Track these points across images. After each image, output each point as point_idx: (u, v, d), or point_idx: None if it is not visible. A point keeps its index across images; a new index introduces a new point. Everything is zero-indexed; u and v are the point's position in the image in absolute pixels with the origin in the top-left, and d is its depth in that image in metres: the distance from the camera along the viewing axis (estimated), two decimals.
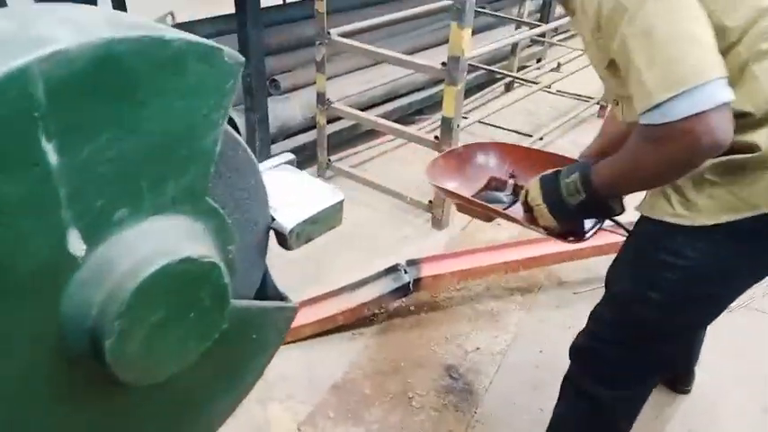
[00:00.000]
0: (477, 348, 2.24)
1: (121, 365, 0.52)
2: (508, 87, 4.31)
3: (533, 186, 1.31)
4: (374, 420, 1.94)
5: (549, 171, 1.32)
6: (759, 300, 2.52)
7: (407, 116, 3.72)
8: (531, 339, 2.28)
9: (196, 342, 0.58)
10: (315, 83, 3.01)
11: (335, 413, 1.96)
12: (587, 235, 1.39)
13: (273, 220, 0.70)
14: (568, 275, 2.62)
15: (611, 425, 1.43)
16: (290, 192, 0.75)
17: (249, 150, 0.65)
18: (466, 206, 1.56)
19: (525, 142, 3.42)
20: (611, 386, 1.37)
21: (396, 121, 3.17)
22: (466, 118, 3.07)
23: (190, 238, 0.56)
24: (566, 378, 1.48)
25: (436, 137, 2.75)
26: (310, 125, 3.22)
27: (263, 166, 0.79)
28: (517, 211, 1.43)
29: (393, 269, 2.31)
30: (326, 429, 1.90)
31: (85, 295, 0.50)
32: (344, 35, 2.86)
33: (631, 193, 1.24)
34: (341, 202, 0.75)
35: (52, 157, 0.45)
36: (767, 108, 1.05)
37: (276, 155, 2.97)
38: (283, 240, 0.70)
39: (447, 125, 2.68)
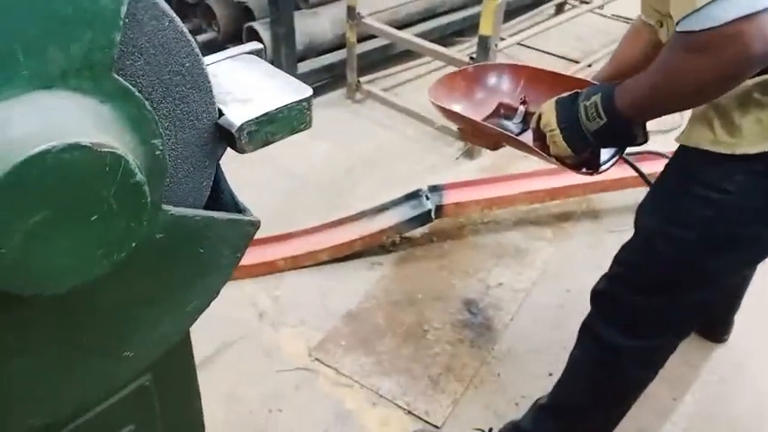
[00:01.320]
0: (500, 284, 2.13)
1: None
2: (559, 9, 3.98)
3: (548, 109, 1.16)
4: (386, 351, 1.88)
5: (567, 94, 1.16)
6: None
7: (446, 37, 3.48)
8: (559, 277, 2.15)
9: (104, 251, 0.48)
10: None
11: (347, 341, 1.91)
12: (603, 167, 1.24)
13: (221, 115, 0.58)
14: (606, 210, 2.44)
15: (627, 376, 1.31)
16: (247, 85, 0.63)
17: (182, 25, 0.53)
18: (470, 131, 1.43)
19: (571, 69, 3.16)
20: (630, 335, 1.25)
21: (433, 41, 2.95)
22: (503, 39, 2.83)
23: (89, 123, 0.45)
24: (584, 323, 1.37)
25: (471, 57, 2.55)
26: (340, 43, 3.04)
27: (219, 55, 0.67)
28: (528, 138, 1.27)
29: (414, 195, 2.20)
30: (337, 356, 1.86)
31: None
32: None
33: (661, 115, 1.11)
34: (308, 99, 0.62)
35: None
36: None
37: (304, 73, 2.80)
38: (232, 140, 0.59)
39: (483, 45, 2.47)
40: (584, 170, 1.22)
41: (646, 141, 1.12)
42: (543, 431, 1.46)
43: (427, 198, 2.21)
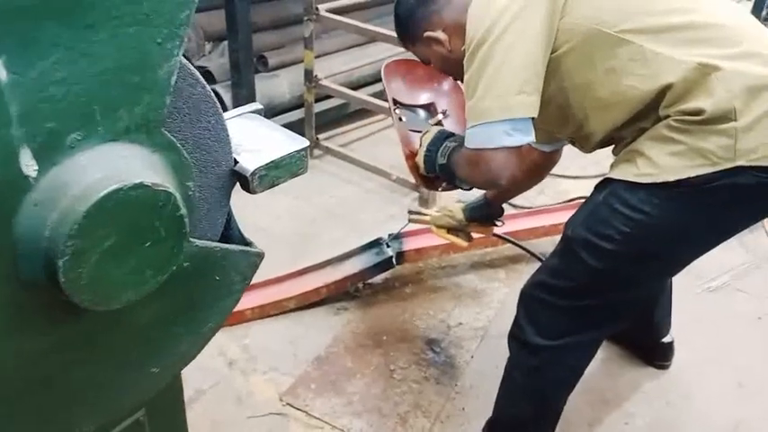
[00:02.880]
0: (460, 323, 2.26)
1: (75, 287, 0.53)
2: None
3: (431, 132, 1.55)
4: (356, 392, 1.96)
5: (449, 130, 1.57)
6: (737, 280, 2.55)
7: None
8: (513, 314, 2.29)
9: (152, 272, 0.59)
10: (303, 60, 3.00)
11: (317, 385, 1.98)
12: (439, 189, 1.72)
13: (236, 162, 0.71)
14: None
15: (552, 376, 1.44)
16: (254, 138, 0.75)
17: (209, 89, 0.65)
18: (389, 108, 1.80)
19: None
20: (552, 336, 1.38)
21: (386, 101, 3.16)
22: None
23: (145, 167, 0.56)
24: (509, 334, 1.51)
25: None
26: (298, 103, 3.21)
27: (230, 114, 0.79)
28: (415, 139, 1.67)
29: (376, 243, 2.32)
30: (308, 400, 1.92)
31: (39, 217, 0.51)
32: (333, 11, 2.85)
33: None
34: (306, 149, 0.75)
35: (1, 73, 0.46)
36: (681, 78, 1.16)
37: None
38: (246, 183, 0.70)
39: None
40: (423, 183, 1.70)
41: (469, 189, 1.57)
42: None
43: (388, 246, 2.35)
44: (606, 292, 1.33)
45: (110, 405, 0.67)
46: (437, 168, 1.50)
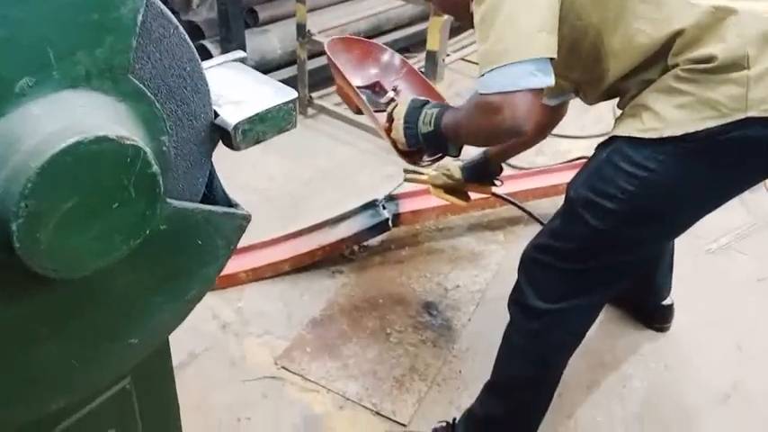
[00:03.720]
0: (457, 286, 2.22)
1: (33, 253, 0.47)
2: None
3: (402, 103, 1.45)
4: (351, 355, 1.93)
5: (422, 98, 1.46)
6: (738, 241, 2.51)
7: None
8: (511, 277, 2.24)
9: (123, 237, 0.53)
10: (295, 15, 2.88)
11: (312, 348, 1.95)
12: (423, 161, 1.58)
13: (217, 115, 0.64)
14: (550, 214, 2.58)
15: (552, 340, 1.41)
16: (237, 88, 0.69)
17: (185, 33, 0.58)
18: (344, 90, 1.67)
19: None
20: (553, 300, 1.35)
21: None
22: (448, 55, 2.96)
23: (110, 119, 0.50)
24: (510, 298, 1.47)
25: (420, 70, 2.66)
26: (291, 60, 3.10)
27: (210, 62, 0.72)
28: (381, 118, 1.56)
29: (371, 204, 2.27)
30: (303, 363, 1.89)
31: None
32: None
33: (462, 144, 1.40)
34: (294, 101, 0.69)
35: None
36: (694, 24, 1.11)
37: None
38: (228, 139, 0.64)
39: (432, 60, 2.59)
40: (408, 158, 1.54)
41: (456, 156, 1.45)
42: (489, 408, 1.55)
43: (384, 207, 2.29)
44: (608, 254, 1.29)
45: (85, 379, 0.63)
46: (420, 139, 1.40)
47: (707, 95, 1.10)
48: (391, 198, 2.31)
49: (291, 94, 0.69)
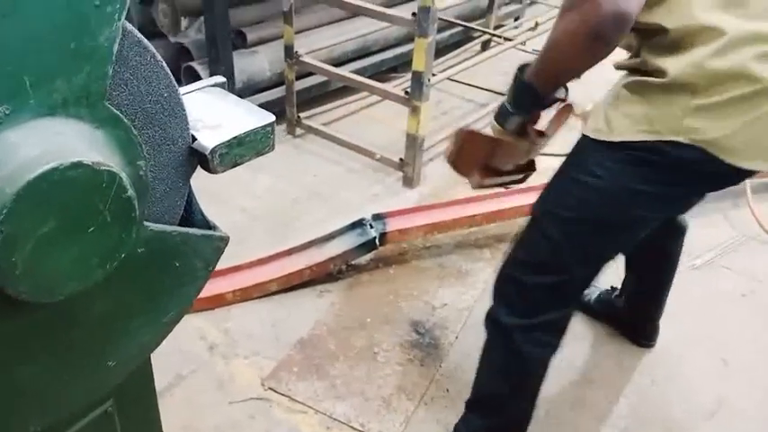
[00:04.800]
0: (445, 304, 2.23)
1: (10, 277, 0.48)
2: (485, 46, 4.23)
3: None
4: (339, 375, 1.93)
5: None
6: (723, 257, 2.54)
7: (380, 74, 3.64)
8: None
9: (99, 260, 0.54)
10: (283, 36, 2.92)
11: (300, 368, 1.94)
12: (543, 122, 1.30)
13: (194, 140, 0.65)
14: None
15: (524, 355, 1.41)
16: (215, 113, 0.70)
17: (161, 61, 0.60)
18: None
19: (499, 100, 3.36)
20: (522, 314, 1.37)
21: (369, 78, 3.09)
22: (435, 75, 3.00)
23: (86, 145, 0.51)
24: (486, 313, 1.48)
25: (406, 92, 2.69)
26: (279, 81, 3.13)
27: (189, 87, 0.74)
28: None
29: (358, 223, 2.28)
30: (290, 383, 1.88)
31: None
32: None
33: (557, 79, 1.21)
34: (271, 124, 0.70)
35: None
36: (682, 27, 1.08)
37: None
38: (206, 162, 0.65)
39: (417, 80, 2.62)
40: (527, 138, 1.29)
41: (552, 103, 1.24)
42: (472, 427, 1.56)
43: (371, 226, 2.30)
44: (572, 265, 1.31)
45: (61, 402, 0.63)
46: (508, 107, 1.23)
47: (648, 109, 1.13)
48: (378, 217, 2.32)
49: (269, 117, 0.71)
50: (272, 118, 0.71)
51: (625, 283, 2.04)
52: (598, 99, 1.27)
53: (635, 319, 2.05)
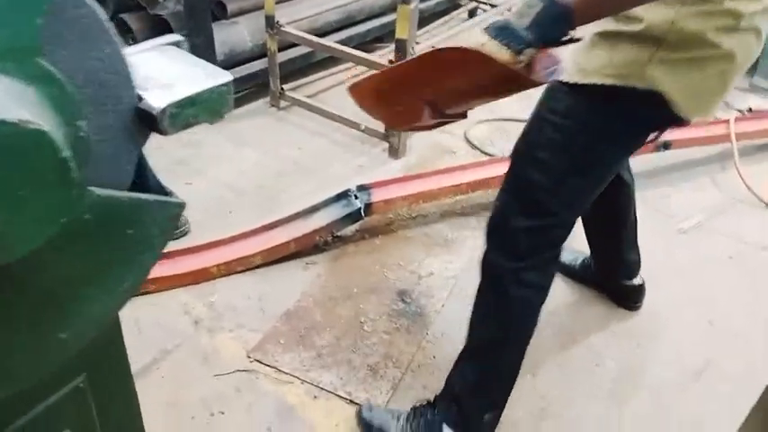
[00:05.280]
0: (431, 273, 2.22)
1: None
2: (471, 14, 4.16)
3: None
4: (325, 345, 1.92)
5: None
6: (710, 220, 2.53)
7: (365, 44, 3.57)
8: None
9: (37, 225, 0.51)
10: (264, 6, 2.85)
11: (286, 339, 1.94)
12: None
13: (141, 99, 0.62)
14: None
15: (512, 297, 1.44)
16: (168, 72, 0.67)
17: (102, 13, 0.57)
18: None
19: None
20: (510, 258, 1.41)
21: (354, 48, 3.03)
22: (419, 43, 2.95)
23: (14, 102, 0.48)
24: (480, 260, 1.49)
25: (390, 60, 2.64)
26: (261, 53, 3.07)
27: (141, 46, 0.71)
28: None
29: (343, 195, 2.26)
30: (276, 355, 1.88)
31: None
32: None
33: (597, 11, 1.12)
34: (228, 84, 0.67)
35: None
36: None
37: None
38: (154, 123, 0.62)
39: (401, 48, 2.57)
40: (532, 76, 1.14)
41: (571, 41, 1.13)
42: (465, 374, 1.57)
43: (356, 197, 2.28)
44: (550, 208, 1.36)
45: (12, 373, 0.61)
46: (524, 33, 1.07)
47: (615, 60, 1.21)
48: (363, 188, 2.30)
49: (226, 76, 0.68)
50: (230, 77, 0.68)
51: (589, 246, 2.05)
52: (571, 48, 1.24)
53: (607, 279, 2.05)
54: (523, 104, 1.72)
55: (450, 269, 2.23)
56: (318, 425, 1.69)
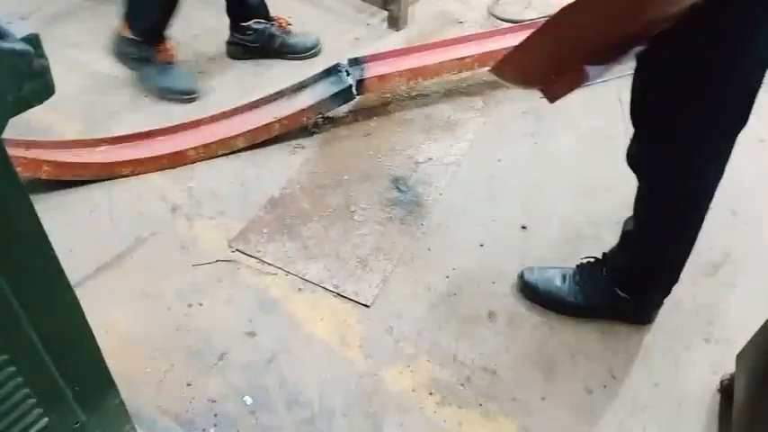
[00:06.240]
0: (429, 159, 2.03)
1: None
2: None
3: None
4: (312, 235, 1.78)
5: None
6: None
7: None
8: (489, 148, 2.06)
9: None
10: None
11: (270, 228, 1.80)
12: None
13: None
14: None
15: (695, 176, 1.36)
16: None
17: None
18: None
19: None
20: (679, 146, 1.27)
21: None
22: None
23: None
24: (629, 155, 1.35)
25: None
26: None
27: None
28: None
29: (333, 70, 2.02)
30: (259, 245, 1.75)
31: None
32: None
33: None
34: None
35: None
36: None
37: None
38: None
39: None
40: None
41: None
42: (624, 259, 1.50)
43: (347, 73, 2.04)
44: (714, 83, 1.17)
45: None
46: None
47: None
48: (355, 62, 2.05)
49: None
50: None
51: None
52: None
53: None
54: None
55: (452, 154, 2.03)
56: (303, 318, 1.58)
